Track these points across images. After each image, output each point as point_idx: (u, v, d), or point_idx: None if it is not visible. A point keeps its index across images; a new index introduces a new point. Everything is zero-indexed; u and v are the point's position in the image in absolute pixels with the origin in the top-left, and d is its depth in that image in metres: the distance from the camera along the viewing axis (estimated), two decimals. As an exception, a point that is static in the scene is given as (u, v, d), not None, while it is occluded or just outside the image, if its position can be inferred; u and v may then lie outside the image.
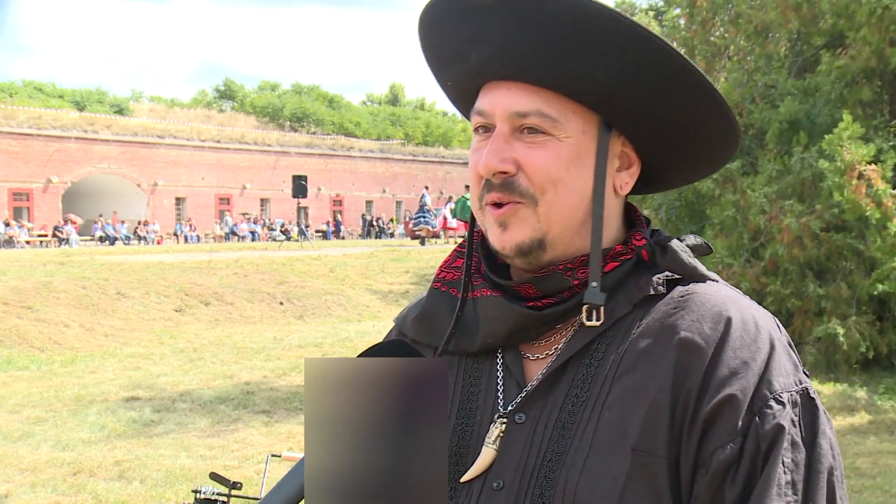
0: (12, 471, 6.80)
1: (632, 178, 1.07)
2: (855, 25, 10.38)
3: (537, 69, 0.99)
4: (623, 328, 1.02)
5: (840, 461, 0.98)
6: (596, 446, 0.96)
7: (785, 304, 10.23)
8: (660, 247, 1.06)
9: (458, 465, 1.05)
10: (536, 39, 0.97)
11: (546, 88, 1.00)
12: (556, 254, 1.03)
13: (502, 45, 0.99)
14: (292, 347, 13.32)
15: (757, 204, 10.54)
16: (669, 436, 0.95)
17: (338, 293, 19.14)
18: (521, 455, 1.00)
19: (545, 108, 1.00)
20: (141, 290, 16.63)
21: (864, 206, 9.22)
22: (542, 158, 1.01)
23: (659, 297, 1.03)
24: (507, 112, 1.02)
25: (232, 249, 26.86)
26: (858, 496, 5.95)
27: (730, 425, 0.94)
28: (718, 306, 1.00)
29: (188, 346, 13.54)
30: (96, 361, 12.15)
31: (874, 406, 8.55)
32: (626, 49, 0.96)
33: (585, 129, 1.02)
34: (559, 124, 1.01)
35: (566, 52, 0.97)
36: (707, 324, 0.98)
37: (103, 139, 41.53)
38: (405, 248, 27.13)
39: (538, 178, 1.02)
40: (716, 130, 1.04)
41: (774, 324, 1.03)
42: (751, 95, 11.93)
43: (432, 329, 1.13)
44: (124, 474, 6.65)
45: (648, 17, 16.67)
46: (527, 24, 0.97)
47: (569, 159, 1.01)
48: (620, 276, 1.04)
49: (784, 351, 1.00)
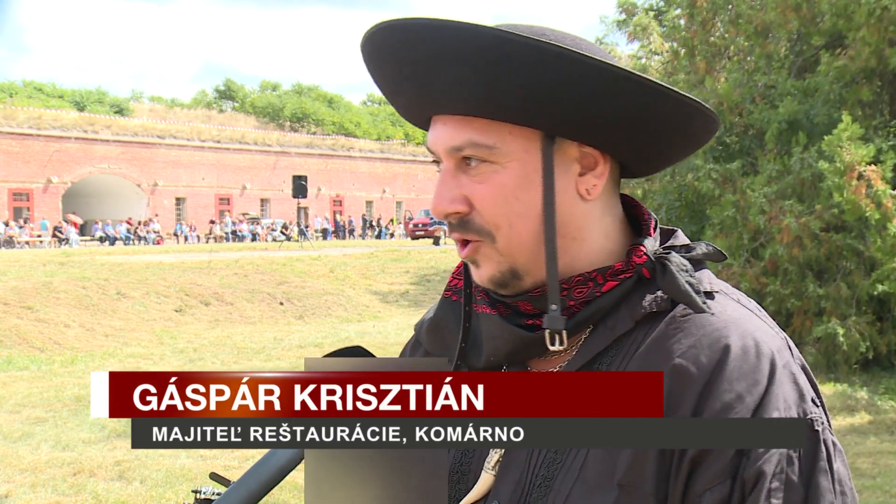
0: (12, 471, 6.80)
1: (599, 178, 1.00)
2: (854, 26, 10.39)
3: (458, 99, 0.96)
4: (625, 347, 0.98)
5: (850, 496, 0.94)
6: (584, 475, 0.94)
7: (785, 305, 10.24)
8: (660, 264, 0.99)
9: (459, 485, 1.04)
10: (455, 73, 0.94)
11: (475, 116, 0.96)
12: (535, 279, 1.00)
13: (428, 81, 0.96)
14: (292, 347, 13.33)
15: (756, 204, 10.55)
16: (658, 470, 0.90)
17: (338, 293, 19.15)
18: (519, 479, 0.99)
19: (477, 138, 0.96)
20: (141, 290, 16.64)
21: (864, 206, 9.23)
22: (487, 193, 0.97)
23: (663, 312, 0.97)
24: (446, 148, 0.99)
25: (232, 250, 26.88)
26: (858, 496, 5.93)
27: (718, 466, 0.89)
28: (719, 331, 0.93)
29: (188, 347, 13.55)
30: (96, 361, 12.16)
31: (874, 406, 8.56)
32: (536, 67, 0.91)
33: (527, 147, 0.96)
34: (497, 150, 0.96)
35: (482, 80, 0.93)
36: (704, 351, 0.92)
37: (103, 139, 41.57)
38: (405, 249, 27.15)
39: (489, 214, 0.98)
40: (668, 115, 0.97)
41: (783, 348, 0.95)
42: (751, 95, 11.94)
43: (443, 340, 1.12)
44: (124, 474, 6.65)
45: (649, 17, 16.67)
46: (443, 59, 0.94)
47: (516, 185, 0.97)
48: (622, 293, 0.99)
49: (789, 380, 0.92)
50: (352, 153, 53.75)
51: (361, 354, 1.02)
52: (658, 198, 12.41)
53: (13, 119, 39.01)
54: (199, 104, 63.06)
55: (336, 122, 59.85)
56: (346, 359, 0.93)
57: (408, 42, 0.95)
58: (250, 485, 1.08)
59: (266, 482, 1.09)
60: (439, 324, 1.13)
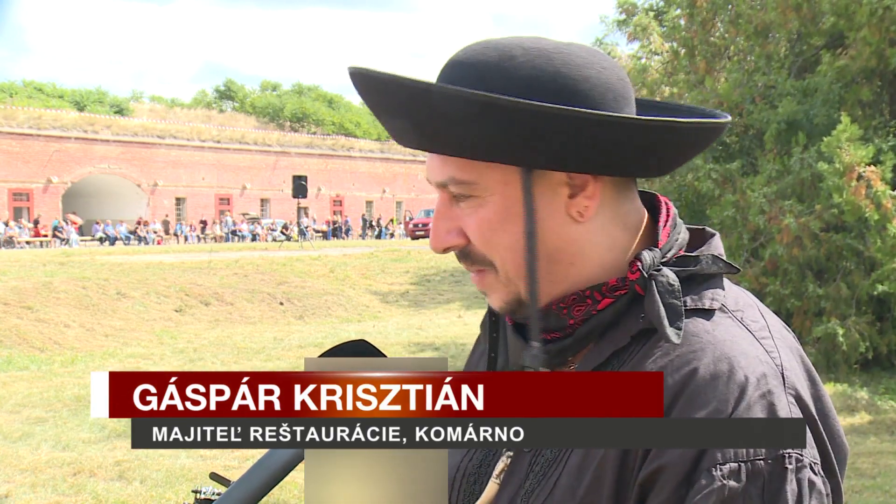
0: (12, 471, 6.80)
1: (592, 199, 0.96)
2: (855, 26, 10.39)
3: (432, 142, 0.96)
4: (620, 361, 0.97)
5: None
6: (555, 494, 0.94)
7: (784, 305, 10.24)
8: (649, 282, 0.96)
9: (474, 486, 1.05)
10: (418, 118, 0.94)
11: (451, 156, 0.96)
12: (541, 304, 0.99)
13: (402, 121, 0.97)
14: (292, 347, 13.33)
15: (756, 204, 10.55)
16: (614, 494, 0.89)
17: (338, 293, 19.15)
18: (518, 489, 0.99)
19: (458, 174, 0.96)
20: (141, 290, 16.65)
21: (864, 207, 9.23)
22: (475, 225, 0.97)
23: (655, 329, 0.95)
24: (434, 183, 1.00)
25: (232, 250, 26.88)
26: (858, 496, 5.96)
27: (663, 497, 0.86)
28: (692, 353, 0.91)
29: (188, 347, 13.55)
30: (96, 362, 12.16)
31: (874, 406, 8.56)
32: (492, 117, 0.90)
33: (507, 180, 0.95)
34: (477, 185, 0.96)
35: (444, 127, 0.93)
36: (671, 374, 0.89)
37: (103, 139, 41.57)
38: (405, 249, 27.15)
39: (481, 246, 0.98)
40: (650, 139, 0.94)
41: (770, 375, 0.90)
42: (750, 96, 11.94)
43: (482, 341, 1.16)
44: (124, 474, 6.65)
45: (649, 17, 16.66)
46: (405, 108, 0.94)
47: (500, 217, 0.96)
48: (618, 310, 0.98)
49: (764, 409, 0.87)
50: (352, 153, 53.76)
51: (366, 348, 1.02)
52: (658, 198, 12.41)
53: (13, 119, 39.01)
54: (199, 104, 63.04)
55: (336, 122, 59.85)
56: (347, 359, 0.93)
57: (373, 91, 0.97)
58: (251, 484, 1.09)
59: (266, 482, 1.09)
60: (483, 324, 1.15)
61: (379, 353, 1.00)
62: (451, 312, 17.97)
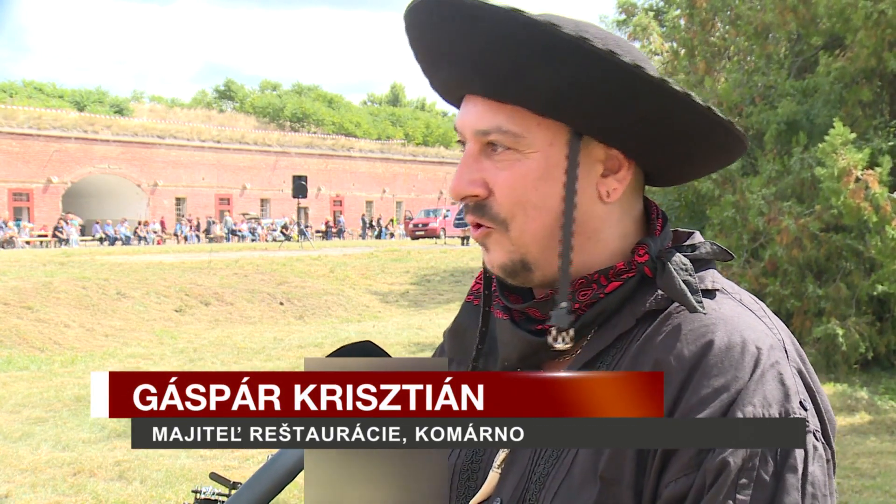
0: (12, 471, 6.80)
1: (621, 183, 1.00)
2: (852, 28, 10.39)
3: (494, 84, 0.96)
4: (625, 344, 0.99)
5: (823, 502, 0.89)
6: (573, 471, 0.94)
7: (784, 305, 10.24)
8: (660, 262, 1.00)
9: (469, 482, 1.06)
10: (490, 55, 0.95)
11: (507, 103, 0.97)
12: (545, 274, 1.01)
13: (463, 61, 0.97)
14: (292, 348, 13.33)
15: (756, 205, 10.55)
16: (636, 464, 0.91)
17: (338, 293, 19.16)
18: (521, 476, 1.00)
19: (506, 124, 0.97)
20: (141, 290, 16.65)
21: (863, 209, 9.21)
22: (507, 180, 0.98)
23: (661, 310, 0.98)
24: (473, 130, 0.99)
25: (232, 250, 26.90)
26: (858, 496, 5.96)
27: (685, 458, 0.88)
28: (706, 327, 0.93)
29: (188, 347, 13.55)
30: (96, 362, 12.16)
31: (874, 406, 8.56)
32: (571, 62, 0.92)
33: (553, 141, 0.97)
34: (522, 139, 0.97)
35: (516, 66, 0.94)
36: (687, 346, 0.92)
37: (103, 139, 41.59)
38: (405, 249, 27.16)
39: (506, 202, 0.98)
40: (697, 129, 0.98)
41: (777, 347, 0.93)
42: (750, 96, 11.94)
43: (463, 345, 1.12)
44: (124, 474, 6.65)
45: (649, 17, 16.66)
46: (480, 40, 0.94)
47: (537, 176, 0.97)
48: (626, 293, 1.00)
49: (774, 379, 0.90)
50: (352, 153, 53.77)
51: (372, 348, 1.02)
52: (658, 198, 12.38)
53: (13, 119, 39.02)
54: (199, 104, 63.06)
55: (336, 122, 59.84)
56: (346, 359, 0.93)
57: (447, 19, 0.96)
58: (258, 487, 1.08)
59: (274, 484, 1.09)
60: (459, 328, 1.13)
61: (384, 354, 1.00)
62: (451, 312, 17.94)
